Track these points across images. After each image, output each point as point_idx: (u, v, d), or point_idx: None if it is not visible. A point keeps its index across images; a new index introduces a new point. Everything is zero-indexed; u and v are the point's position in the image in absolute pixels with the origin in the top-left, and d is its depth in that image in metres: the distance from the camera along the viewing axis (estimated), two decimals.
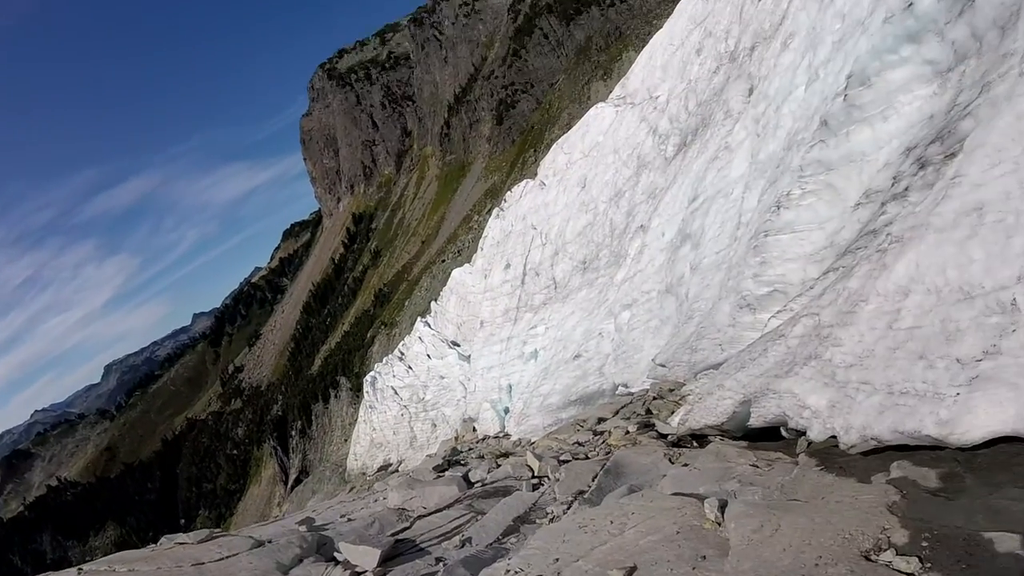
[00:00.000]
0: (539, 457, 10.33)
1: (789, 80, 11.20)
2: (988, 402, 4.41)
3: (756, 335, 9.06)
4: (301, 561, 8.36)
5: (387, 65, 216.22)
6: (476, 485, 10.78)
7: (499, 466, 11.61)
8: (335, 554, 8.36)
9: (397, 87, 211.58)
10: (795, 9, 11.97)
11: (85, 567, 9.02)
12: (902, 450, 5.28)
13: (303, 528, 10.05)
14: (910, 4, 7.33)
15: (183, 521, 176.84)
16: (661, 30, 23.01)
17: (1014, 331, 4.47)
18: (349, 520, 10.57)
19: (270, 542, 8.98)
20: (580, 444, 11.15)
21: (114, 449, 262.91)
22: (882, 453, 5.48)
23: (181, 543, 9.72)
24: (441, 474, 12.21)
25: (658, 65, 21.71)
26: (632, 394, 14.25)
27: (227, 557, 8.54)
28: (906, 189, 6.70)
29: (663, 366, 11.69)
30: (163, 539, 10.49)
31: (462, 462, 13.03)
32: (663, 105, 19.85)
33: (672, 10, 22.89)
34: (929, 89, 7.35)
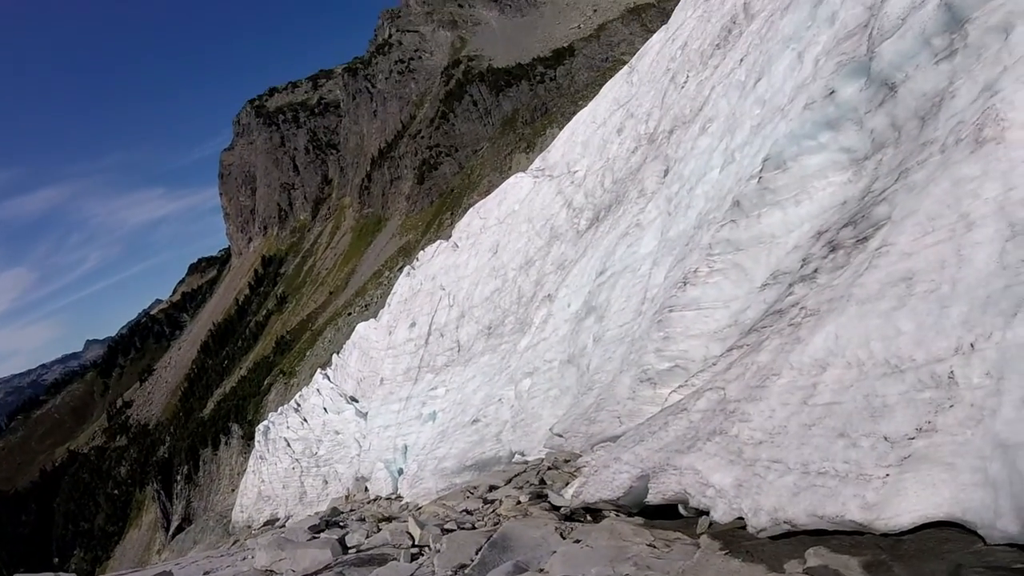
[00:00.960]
0: (421, 524, 9.70)
1: (705, 162, 11.49)
2: (921, 484, 4.21)
3: (656, 409, 9.01)
4: None
5: (316, 110, 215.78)
6: (351, 551, 10.10)
7: (379, 531, 10.98)
8: None
9: (323, 134, 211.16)
10: (716, 96, 12.44)
11: None
12: (816, 535, 4.97)
13: None
14: (832, 92, 7.53)
15: (56, 560, 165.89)
16: (585, 108, 23.69)
17: (951, 407, 4.22)
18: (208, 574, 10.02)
19: None
20: (468, 512, 10.75)
21: None
22: (794, 537, 5.18)
23: None
24: (316, 535, 11.40)
25: (579, 141, 22.26)
26: (528, 463, 14.19)
27: None
28: (815, 271, 6.77)
29: (560, 436, 11.68)
30: None
31: (341, 524, 12.35)
32: (580, 180, 20.29)
33: (598, 93, 23.60)
34: (844, 176, 7.52)
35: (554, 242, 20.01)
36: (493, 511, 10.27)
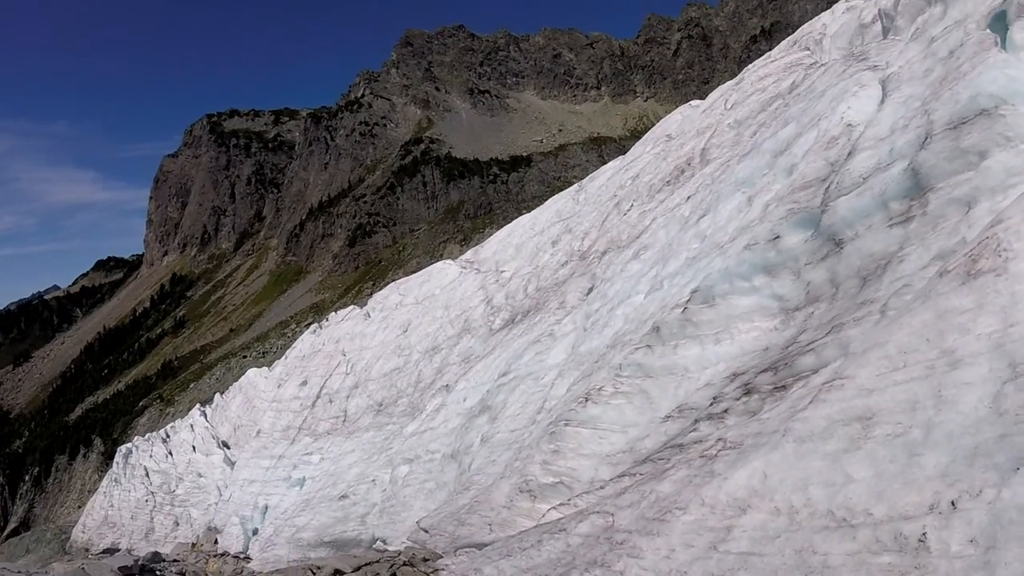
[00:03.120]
0: None
1: (631, 286, 11.59)
2: None
3: (530, 523, 8.78)
4: None
5: (270, 145, 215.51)
6: None
7: None
8: None
9: (270, 170, 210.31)
10: (656, 226, 12.76)
11: None
12: None
13: None
14: (777, 237, 7.54)
15: None
16: (528, 215, 24.19)
17: None
18: None
19: None
20: None
21: None
22: None
23: None
24: None
25: (513, 243, 22.61)
26: (386, 552, 13.80)
27: None
28: (725, 411, 6.60)
29: (426, 531, 11.33)
30: None
31: (158, 572, 11.16)
32: (505, 281, 20.50)
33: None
34: (771, 323, 7.43)
35: (465, 334, 20.00)
36: None
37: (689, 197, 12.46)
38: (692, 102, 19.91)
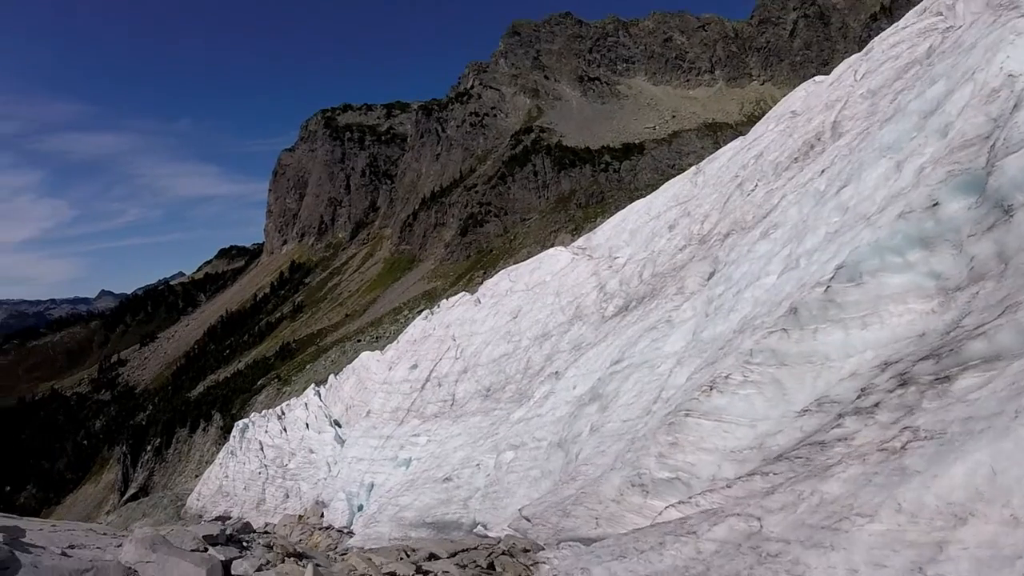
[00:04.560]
0: None
1: (760, 267, 10.69)
2: None
3: (641, 521, 8.14)
4: None
5: (383, 138, 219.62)
6: None
7: (271, 564, 9.67)
8: None
9: (383, 162, 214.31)
10: (787, 204, 11.87)
11: None
12: None
13: (0, 535, 8.30)
14: (935, 204, 6.55)
15: (7, 488, 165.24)
16: (642, 200, 23.46)
17: None
18: (63, 555, 8.41)
19: None
20: None
21: None
22: None
23: None
24: (206, 548, 9.86)
25: (627, 229, 21.95)
26: (486, 539, 13.48)
27: None
28: (876, 405, 5.66)
29: (528, 520, 10.91)
30: None
31: (244, 542, 10.67)
32: (619, 267, 19.90)
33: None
34: (928, 305, 6.43)
35: (576, 321, 19.53)
36: None
37: (823, 170, 11.47)
38: (815, 78, 18.87)
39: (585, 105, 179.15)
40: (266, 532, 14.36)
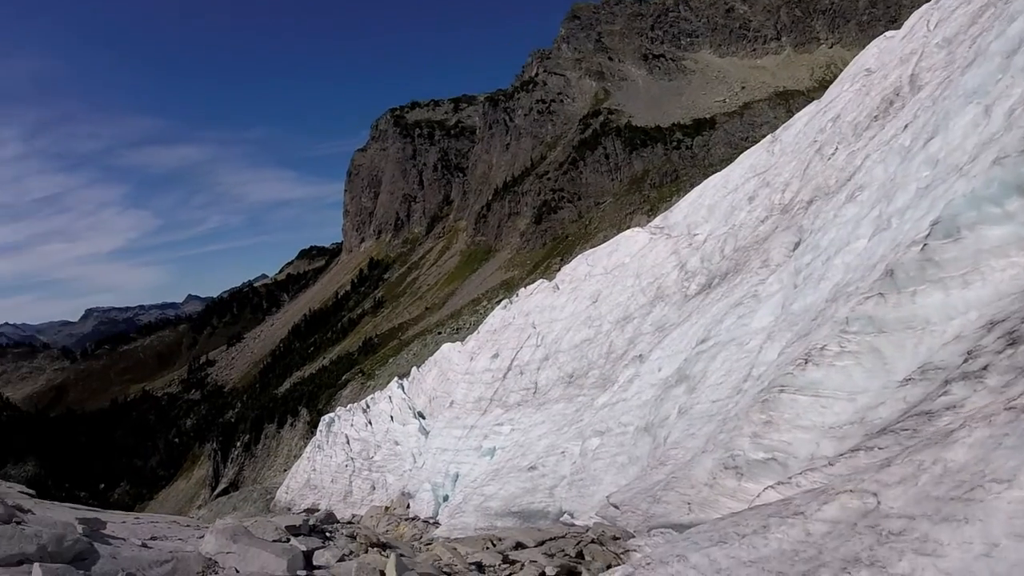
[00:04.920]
0: (400, 570, 8.23)
1: (849, 231, 10.09)
2: None
3: (736, 505, 7.75)
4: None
5: (452, 132, 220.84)
6: (318, 570, 8.35)
7: (354, 555, 9.38)
8: None
9: (454, 155, 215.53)
10: (871, 163, 11.25)
11: None
12: None
13: (80, 526, 7.68)
14: None
15: (102, 486, 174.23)
16: (718, 173, 22.78)
17: None
18: (144, 546, 8.25)
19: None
20: (479, 568, 9.11)
21: (64, 390, 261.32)
22: None
23: None
24: (288, 538, 9.61)
25: (705, 204, 21.33)
26: (573, 527, 13.22)
27: None
28: (985, 368, 5.16)
29: (616, 507, 10.58)
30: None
31: (328, 533, 10.44)
32: (699, 243, 19.33)
33: None
34: None
35: (658, 302, 19.04)
36: (509, 574, 8.77)
37: (907, 125, 10.78)
38: (886, 33, 18.16)
39: (652, 83, 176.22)
40: (350, 523, 14.40)
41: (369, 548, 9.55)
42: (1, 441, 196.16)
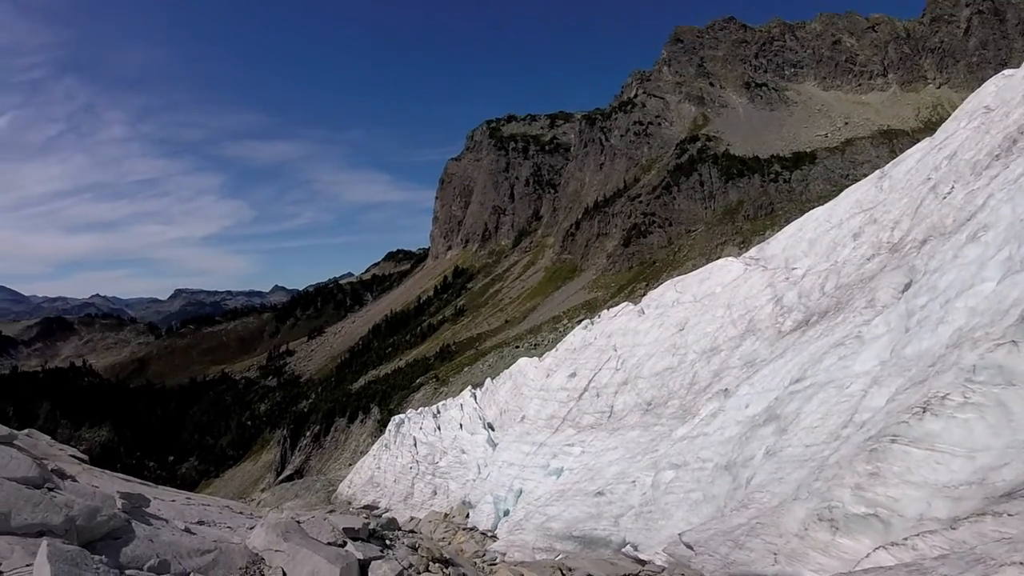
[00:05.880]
0: None
1: (972, 273, 9.32)
2: None
3: (828, 561, 7.09)
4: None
5: (546, 148, 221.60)
6: None
7: (414, 569, 8.73)
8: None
9: (546, 171, 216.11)
10: (996, 203, 10.42)
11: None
12: None
13: (120, 501, 7.34)
14: None
15: (172, 459, 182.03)
16: (821, 207, 21.79)
17: None
18: (187, 531, 7.78)
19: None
20: None
21: (146, 363, 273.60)
22: None
23: None
24: (344, 542, 8.80)
25: (806, 238, 20.41)
26: (639, 561, 12.61)
27: None
28: None
29: (690, 548, 9.88)
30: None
31: (388, 541, 9.77)
32: (797, 278, 18.48)
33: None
34: None
35: (748, 336, 18.24)
36: None
37: None
38: (1004, 72, 17.38)
39: (753, 112, 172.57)
40: (412, 532, 13.91)
41: (430, 564, 9.02)
42: (80, 405, 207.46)
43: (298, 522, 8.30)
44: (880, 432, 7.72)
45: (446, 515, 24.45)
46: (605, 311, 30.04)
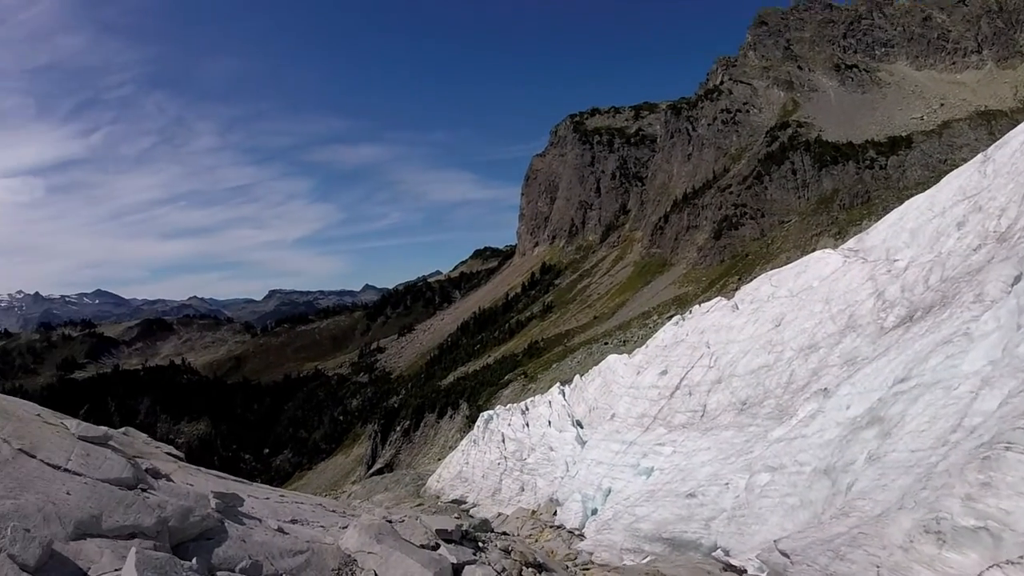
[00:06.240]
0: None
1: None
2: None
3: None
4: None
5: (632, 140, 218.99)
6: None
7: (507, 574, 8.56)
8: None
9: (633, 164, 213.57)
10: None
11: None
12: None
13: (214, 501, 7.37)
14: None
15: (267, 451, 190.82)
16: (922, 194, 20.74)
17: None
18: (280, 531, 7.74)
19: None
20: None
21: (242, 361, 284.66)
22: None
23: None
24: (436, 544, 8.24)
25: (907, 228, 19.47)
26: (732, 568, 12.26)
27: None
28: None
29: (786, 556, 9.42)
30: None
31: (480, 543, 9.67)
32: (899, 271, 17.64)
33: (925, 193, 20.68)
34: None
35: (848, 332, 17.53)
36: None
37: None
38: None
39: (844, 96, 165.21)
40: (504, 533, 13.87)
41: (523, 568, 8.91)
42: (180, 401, 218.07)
43: (389, 521, 8.32)
44: (993, 439, 7.17)
45: (533, 512, 24.44)
46: (697, 306, 29.51)
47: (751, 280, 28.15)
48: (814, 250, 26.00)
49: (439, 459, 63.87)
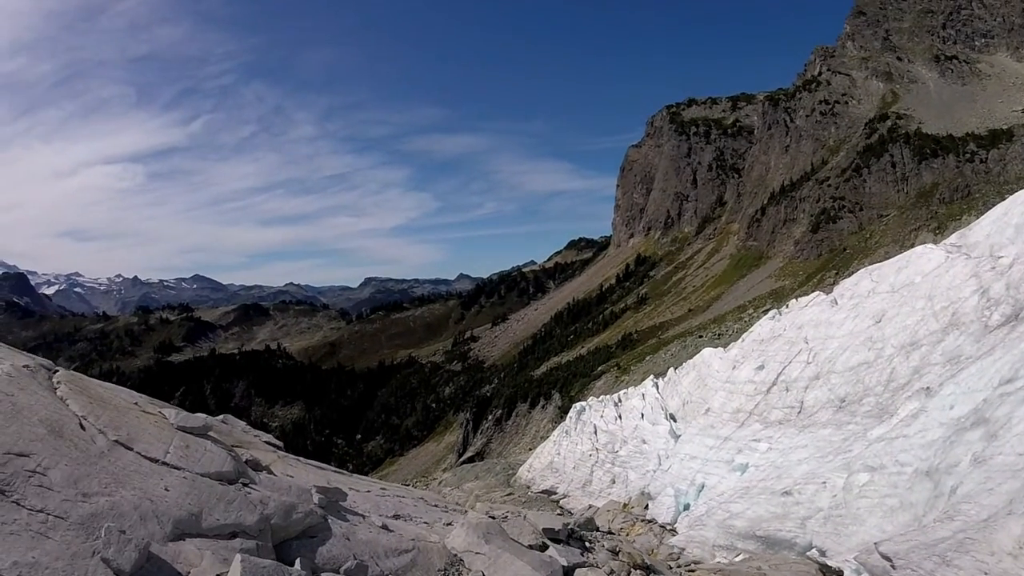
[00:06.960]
0: None
1: None
2: None
3: None
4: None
5: (729, 131, 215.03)
6: None
7: None
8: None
9: (729, 155, 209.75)
10: None
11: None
12: None
13: (317, 496, 7.18)
14: None
15: (359, 437, 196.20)
16: None
17: None
18: (384, 527, 7.51)
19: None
20: None
21: (337, 347, 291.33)
22: None
23: None
24: (544, 544, 8.16)
25: (1012, 223, 18.69)
26: (826, 568, 12.12)
27: None
28: None
29: (888, 559, 9.27)
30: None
31: (588, 543, 9.57)
32: (1004, 268, 17.01)
33: None
34: None
35: (951, 330, 17.01)
36: None
37: None
38: None
39: (944, 87, 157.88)
40: (610, 533, 14.01)
41: (632, 570, 8.97)
42: (274, 385, 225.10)
43: (493, 518, 8.26)
44: None
45: (624, 505, 24.40)
46: (794, 300, 28.95)
47: (849, 275, 27.50)
48: (913, 245, 25.25)
49: (530, 449, 64.23)
